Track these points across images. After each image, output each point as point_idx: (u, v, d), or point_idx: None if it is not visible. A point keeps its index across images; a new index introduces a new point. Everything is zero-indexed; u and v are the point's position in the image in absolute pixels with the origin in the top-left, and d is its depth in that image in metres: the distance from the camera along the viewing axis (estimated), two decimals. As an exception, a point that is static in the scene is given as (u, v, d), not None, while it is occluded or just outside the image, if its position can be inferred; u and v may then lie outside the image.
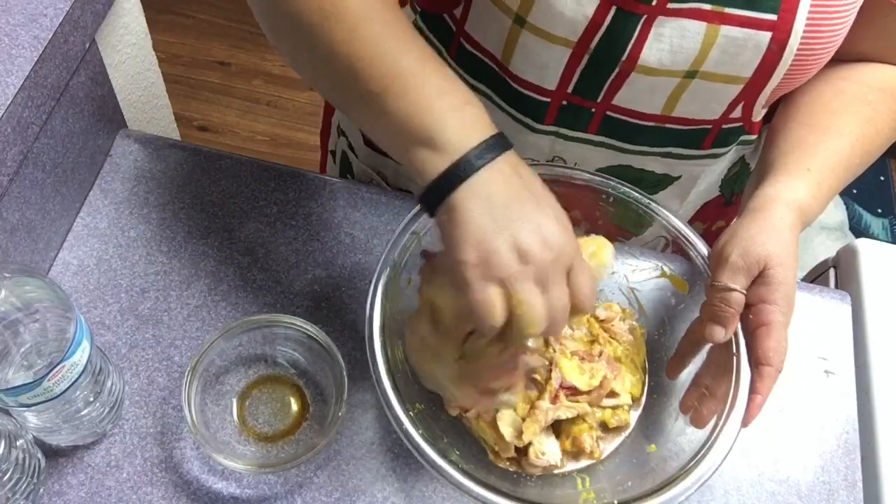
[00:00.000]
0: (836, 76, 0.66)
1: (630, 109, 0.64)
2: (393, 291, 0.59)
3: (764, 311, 0.56)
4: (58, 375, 0.52)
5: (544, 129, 0.67)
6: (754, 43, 0.57)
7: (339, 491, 0.63)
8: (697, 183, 0.73)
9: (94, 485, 0.61)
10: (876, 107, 0.65)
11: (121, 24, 0.78)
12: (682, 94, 0.61)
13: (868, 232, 2.09)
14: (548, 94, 0.64)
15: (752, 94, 0.61)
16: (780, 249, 0.56)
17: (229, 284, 0.71)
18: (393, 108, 0.49)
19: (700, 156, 0.69)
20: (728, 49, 0.57)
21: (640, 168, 0.70)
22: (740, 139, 0.70)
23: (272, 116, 2.08)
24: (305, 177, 0.78)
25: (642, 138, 0.67)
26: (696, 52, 0.57)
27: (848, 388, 0.73)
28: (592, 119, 0.65)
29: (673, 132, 0.66)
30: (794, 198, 0.59)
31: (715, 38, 0.57)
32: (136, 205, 0.75)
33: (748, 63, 0.58)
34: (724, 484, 0.66)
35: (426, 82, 0.50)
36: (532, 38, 0.60)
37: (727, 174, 0.76)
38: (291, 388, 0.66)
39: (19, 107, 0.59)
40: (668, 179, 0.72)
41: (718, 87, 0.60)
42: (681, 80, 0.60)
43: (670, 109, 0.63)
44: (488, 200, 0.47)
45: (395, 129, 0.50)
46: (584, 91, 0.63)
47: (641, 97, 0.62)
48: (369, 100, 0.50)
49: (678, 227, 0.64)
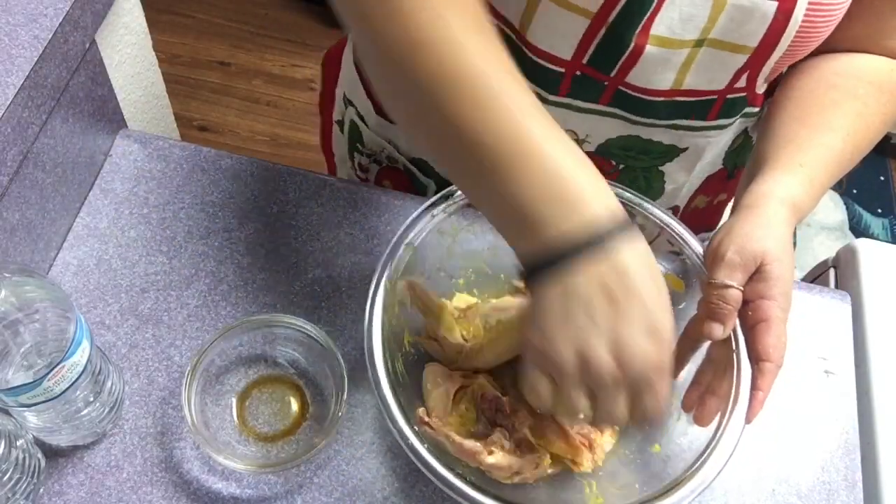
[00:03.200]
0: (827, 70, 0.67)
1: (642, 87, 0.64)
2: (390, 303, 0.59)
3: (762, 306, 0.56)
4: (58, 375, 0.52)
5: (557, 101, 0.68)
6: (761, 13, 0.57)
7: (339, 491, 0.63)
8: (703, 156, 0.74)
9: (94, 485, 0.61)
10: (866, 101, 0.65)
11: (121, 24, 0.78)
12: (690, 65, 0.62)
13: (868, 232, 2.09)
14: (563, 63, 0.64)
15: (758, 63, 0.62)
16: (775, 245, 0.56)
17: (229, 284, 0.71)
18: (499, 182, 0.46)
19: (706, 127, 0.70)
20: (735, 17, 0.58)
21: (648, 139, 0.71)
22: (744, 111, 0.70)
23: (272, 116, 2.08)
24: (305, 177, 0.78)
25: (652, 111, 0.67)
26: (705, 20, 0.58)
27: (848, 388, 0.73)
28: (605, 92, 0.66)
29: (681, 104, 0.67)
30: (787, 194, 0.59)
31: (723, 6, 0.57)
32: (136, 205, 0.75)
33: (754, 32, 0.59)
34: (724, 484, 0.66)
35: (543, 160, 0.46)
36: (552, 7, 0.60)
37: (731, 146, 0.77)
38: (291, 388, 0.66)
39: (19, 107, 0.59)
40: (674, 150, 0.72)
41: (726, 55, 0.61)
42: (690, 51, 0.61)
43: (679, 83, 0.64)
44: (576, 299, 0.45)
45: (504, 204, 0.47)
46: (599, 63, 0.63)
47: (654, 75, 0.63)
48: (482, 172, 0.47)
49: (672, 225, 0.64)
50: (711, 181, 0.80)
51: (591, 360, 0.45)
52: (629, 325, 0.45)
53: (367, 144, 0.87)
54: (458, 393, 0.61)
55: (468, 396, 0.61)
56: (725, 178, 0.81)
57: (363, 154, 0.89)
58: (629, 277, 0.46)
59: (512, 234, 0.48)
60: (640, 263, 0.46)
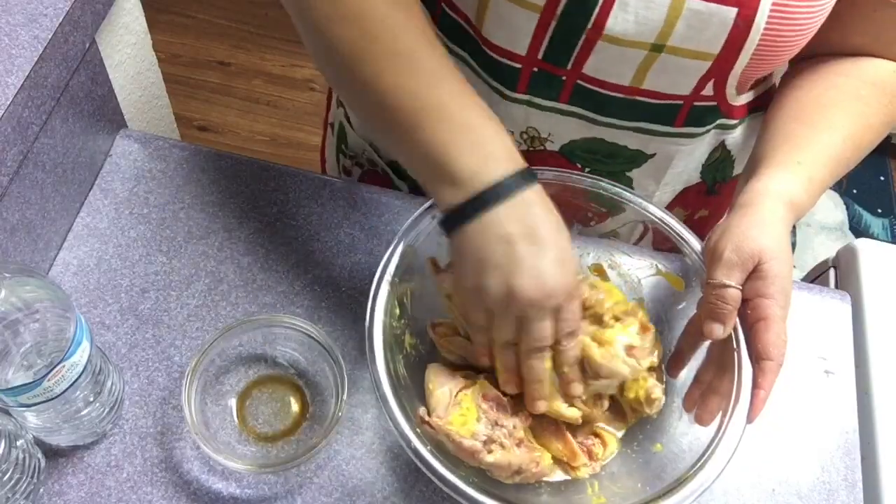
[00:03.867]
0: (829, 70, 0.67)
1: (600, 80, 0.64)
2: (391, 304, 0.59)
3: (761, 305, 0.56)
4: (58, 375, 0.52)
5: (517, 98, 0.68)
6: (720, 18, 0.57)
7: (339, 491, 0.63)
8: (673, 164, 0.73)
9: (94, 485, 0.61)
10: (868, 101, 0.65)
11: (121, 24, 0.78)
12: (650, 67, 0.62)
13: (868, 232, 2.09)
14: (519, 59, 0.64)
15: (722, 71, 0.62)
16: (773, 243, 0.56)
17: (229, 284, 0.71)
18: (420, 140, 0.53)
19: (673, 133, 0.69)
20: (693, 23, 0.57)
21: (613, 142, 0.70)
22: (718, 122, 0.70)
23: (272, 116, 2.08)
24: (305, 177, 0.78)
25: (612, 109, 0.67)
26: (662, 24, 0.58)
27: (848, 388, 0.73)
28: (563, 88, 0.66)
29: (643, 105, 0.66)
30: (784, 191, 0.59)
31: (680, 11, 0.57)
32: (136, 205, 0.75)
33: (714, 39, 0.58)
34: (724, 484, 0.66)
35: (454, 116, 0.53)
36: (502, 3, 0.61)
37: (708, 160, 0.76)
38: (291, 388, 0.66)
39: (19, 107, 0.59)
40: (641, 156, 0.72)
41: (687, 62, 0.61)
42: (648, 53, 0.60)
43: (639, 82, 0.63)
44: (492, 237, 0.52)
45: (420, 160, 0.54)
46: (554, 58, 0.63)
47: (610, 67, 0.63)
48: (399, 131, 0.54)
49: (672, 224, 0.64)
50: (689, 195, 0.79)
51: (517, 291, 0.52)
52: (544, 257, 0.52)
53: (351, 146, 0.88)
54: (459, 393, 0.61)
55: (470, 396, 0.61)
56: (705, 192, 0.80)
57: (347, 156, 0.90)
58: (539, 217, 0.52)
59: (433, 186, 0.54)
60: (545, 205, 0.53)
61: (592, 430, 0.62)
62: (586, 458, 0.60)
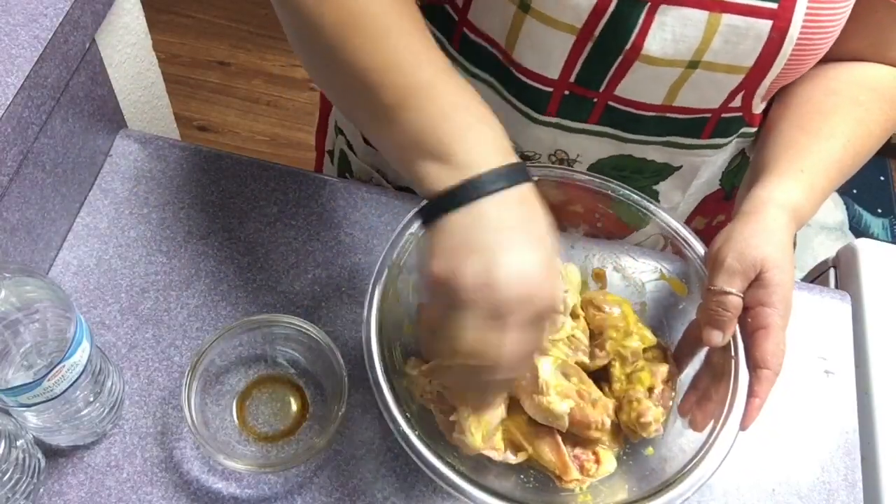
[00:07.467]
0: (828, 77, 0.66)
1: (632, 100, 0.64)
2: (391, 293, 0.59)
3: (762, 314, 0.55)
4: (58, 375, 0.52)
5: (546, 121, 0.67)
6: (756, 32, 0.57)
7: (339, 491, 0.63)
8: (699, 174, 0.73)
9: (94, 485, 0.61)
10: (868, 107, 0.65)
11: (121, 24, 0.77)
12: (683, 84, 0.61)
13: (868, 232, 2.09)
14: (550, 83, 0.64)
15: (753, 83, 0.62)
16: (775, 252, 0.55)
17: (229, 284, 0.71)
18: (406, 119, 0.49)
19: (700, 145, 0.69)
20: (730, 38, 0.57)
21: (641, 157, 0.70)
22: (741, 131, 0.70)
23: (272, 116, 2.08)
24: (305, 177, 0.78)
25: (642, 128, 0.67)
26: (699, 42, 0.58)
27: (848, 388, 0.73)
28: (594, 109, 0.65)
29: (673, 121, 0.66)
30: (786, 199, 0.59)
31: (717, 27, 0.57)
32: (136, 205, 0.75)
33: (750, 52, 0.58)
34: (724, 484, 0.66)
35: (443, 96, 0.49)
36: (536, 25, 0.60)
37: (728, 167, 0.76)
38: (291, 388, 0.66)
39: (19, 107, 0.59)
40: (668, 169, 0.72)
41: (720, 76, 0.60)
42: (683, 71, 0.60)
43: (671, 99, 0.63)
44: (481, 225, 0.46)
45: (405, 141, 0.49)
46: (587, 80, 0.63)
47: (644, 88, 0.63)
48: (383, 110, 0.50)
49: (676, 227, 0.64)
50: (708, 202, 0.79)
51: (497, 281, 0.45)
52: (536, 254, 0.47)
53: (356, 174, 0.87)
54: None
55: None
56: (722, 198, 0.80)
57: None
58: (536, 213, 0.48)
59: (419, 168, 0.49)
60: (532, 196, 0.49)
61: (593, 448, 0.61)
62: (577, 472, 0.58)
